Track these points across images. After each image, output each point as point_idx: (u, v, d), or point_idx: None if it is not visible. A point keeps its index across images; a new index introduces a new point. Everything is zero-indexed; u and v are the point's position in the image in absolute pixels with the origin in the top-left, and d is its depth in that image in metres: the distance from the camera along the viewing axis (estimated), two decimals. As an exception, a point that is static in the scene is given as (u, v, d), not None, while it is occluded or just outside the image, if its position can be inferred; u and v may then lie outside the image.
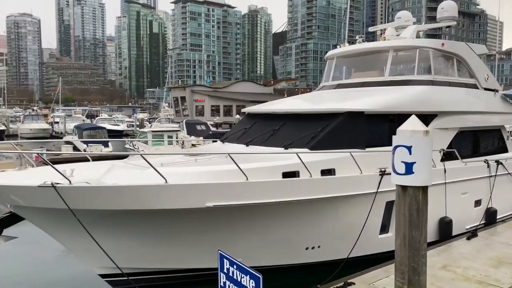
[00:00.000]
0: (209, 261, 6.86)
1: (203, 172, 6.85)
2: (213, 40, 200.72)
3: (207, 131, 36.74)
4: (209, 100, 61.06)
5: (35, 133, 49.55)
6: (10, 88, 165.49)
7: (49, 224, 6.60)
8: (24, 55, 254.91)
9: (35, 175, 6.69)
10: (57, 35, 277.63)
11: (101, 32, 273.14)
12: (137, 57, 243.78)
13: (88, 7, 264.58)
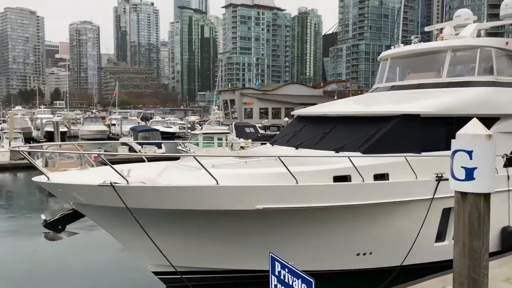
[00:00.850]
0: (259, 263, 6.89)
1: (253, 174, 6.89)
2: (262, 43, 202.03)
3: (255, 133, 37.00)
4: (258, 103, 61.49)
5: (94, 134, 52.17)
6: (72, 91, 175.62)
7: (107, 222, 6.92)
8: (85, 60, 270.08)
9: (95, 174, 7.04)
10: (115, 41, 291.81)
11: (155, 38, 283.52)
12: (189, 61, 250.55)
13: (143, 14, 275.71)
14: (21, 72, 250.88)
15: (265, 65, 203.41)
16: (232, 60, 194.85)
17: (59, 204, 16.78)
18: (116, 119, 63.84)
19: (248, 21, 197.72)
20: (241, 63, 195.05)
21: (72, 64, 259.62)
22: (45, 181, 6.35)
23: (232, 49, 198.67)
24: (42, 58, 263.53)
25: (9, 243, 12.37)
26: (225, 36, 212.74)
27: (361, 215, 7.26)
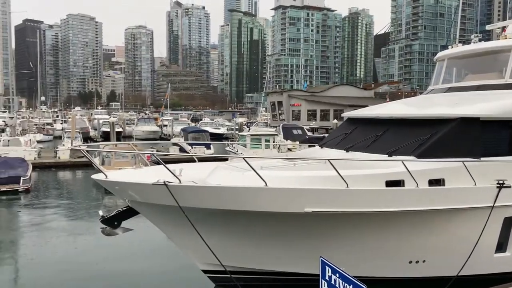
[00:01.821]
0: (307, 266, 6.82)
1: (302, 177, 6.83)
2: (311, 44, 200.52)
3: (303, 135, 36.77)
4: (305, 105, 61.03)
5: (147, 134, 54.17)
6: (127, 93, 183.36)
7: (160, 219, 7.15)
8: (139, 63, 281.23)
9: (149, 173, 7.30)
10: (167, 45, 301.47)
11: (206, 41, 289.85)
12: (237, 63, 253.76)
13: (194, 18, 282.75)
14: (81, 75, 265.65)
15: (313, 67, 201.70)
16: (281, 62, 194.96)
17: (114, 201, 17.59)
18: (168, 120, 65.94)
19: (297, 22, 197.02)
20: (289, 64, 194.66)
21: (127, 67, 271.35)
22: (103, 179, 6.67)
23: (280, 51, 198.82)
24: (99, 62, 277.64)
25: (68, 238, 13.11)
26: (273, 38, 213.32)
27: (415, 222, 6.99)
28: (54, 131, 58.09)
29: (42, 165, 27.91)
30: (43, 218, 15.54)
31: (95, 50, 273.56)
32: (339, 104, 57.11)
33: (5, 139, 30.82)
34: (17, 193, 19.03)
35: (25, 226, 14.42)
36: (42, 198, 18.99)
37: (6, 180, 19.39)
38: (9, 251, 11.83)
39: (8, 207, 17.48)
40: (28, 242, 12.53)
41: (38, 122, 60.42)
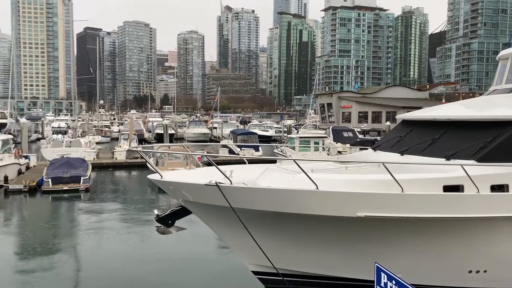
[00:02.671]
0: (360, 272, 6.67)
1: (355, 180, 6.68)
2: (362, 45, 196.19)
3: (354, 138, 35.99)
4: (356, 106, 59.70)
5: (198, 136, 55.45)
6: (179, 97, 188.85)
7: (211, 219, 7.29)
8: (190, 68, 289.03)
9: (202, 174, 7.46)
10: (217, 49, 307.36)
11: (255, 44, 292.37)
12: (286, 66, 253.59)
13: (244, 21, 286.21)
14: (136, 80, 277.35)
15: (365, 67, 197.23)
16: (330, 63, 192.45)
17: (167, 200, 18.17)
18: (218, 123, 67.16)
19: (348, 23, 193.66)
20: (340, 65, 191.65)
21: (179, 71, 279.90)
22: (158, 179, 6.92)
23: (330, 52, 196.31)
24: (153, 67, 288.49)
25: (124, 235, 13.68)
26: (323, 39, 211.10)
27: (475, 229, 6.61)
28: (111, 133, 61.07)
29: (100, 165, 29.40)
30: (101, 215, 16.36)
31: (150, 56, 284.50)
32: (392, 106, 55.33)
33: (67, 141, 32.80)
34: (78, 192, 20.17)
35: (84, 222, 15.23)
36: (100, 197, 19.98)
37: (68, 179, 20.62)
38: (70, 244, 12.55)
39: (69, 204, 18.57)
40: (87, 237, 13.22)
41: (96, 125, 63.72)
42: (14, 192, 19.70)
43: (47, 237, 13.55)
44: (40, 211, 17.94)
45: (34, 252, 11.86)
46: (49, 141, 35.15)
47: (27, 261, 11.22)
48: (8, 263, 11.00)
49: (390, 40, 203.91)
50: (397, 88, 69.27)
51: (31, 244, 12.74)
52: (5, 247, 12.41)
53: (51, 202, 18.97)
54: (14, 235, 14.10)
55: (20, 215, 17.36)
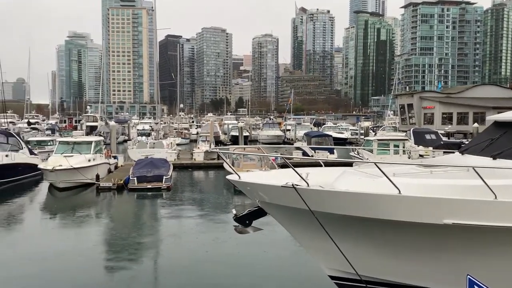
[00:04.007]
0: (449, 283, 6.22)
1: (441, 185, 6.25)
2: (446, 41, 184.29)
3: (437, 140, 33.90)
4: (440, 107, 56.16)
5: (271, 139, 55.92)
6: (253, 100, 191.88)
7: (287, 221, 7.27)
8: (264, 70, 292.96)
9: (278, 176, 7.48)
10: (291, 51, 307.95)
11: (330, 45, 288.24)
12: (363, 65, 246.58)
13: (319, 22, 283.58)
14: (213, 84, 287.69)
15: (449, 66, 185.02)
16: (411, 62, 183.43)
17: (243, 200, 18.53)
18: (291, 125, 67.20)
19: (430, 19, 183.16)
20: (421, 64, 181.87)
21: (253, 75, 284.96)
22: (236, 180, 7.06)
23: (411, 50, 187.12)
24: (229, 71, 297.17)
25: (203, 233, 14.18)
26: (403, 37, 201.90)
27: None
28: (190, 135, 63.89)
29: (181, 165, 30.86)
30: (181, 212, 17.15)
31: (226, 60, 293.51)
32: (481, 106, 51.22)
33: (151, 142, 34.91)
34: (160, 190, 21.35)
35: (166, 219, 16.08)
36: (181, 195, 20.96)
37: (151, 178, 21.92)
38: (152, 240, 13.30)
39: (153, 202, 19.73)
40: (167, 234, 13.93)
41: (177, 127, 67.05)
42: (104, 190, 21.39)
43: (132, 232, 14.52)
44: (127, 208, 19.28)
45: (119, 246, 12.76)
46: (135, 143, 37.71)
47: (112, 253, 12.11)
48: (94, 255, 11.96)
49: (478, 36, 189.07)
50: (486, 87, 63.98)
51: (117, 237, 13.74)
52: (94, 239, 13.52)
53: (136, 199, 20.30)
54: (104, 228, 15.30)
55: (109, 211, 18.80)
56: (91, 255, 11.69)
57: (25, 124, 67.96)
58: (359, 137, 55.58)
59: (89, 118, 77.77)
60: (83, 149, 23.83)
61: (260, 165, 22.40)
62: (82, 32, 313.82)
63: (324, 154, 30.37)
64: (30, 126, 64.97)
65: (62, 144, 24.77)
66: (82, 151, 23.66)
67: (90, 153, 23.69)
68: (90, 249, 12.26)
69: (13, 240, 13.68)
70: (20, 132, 37.94)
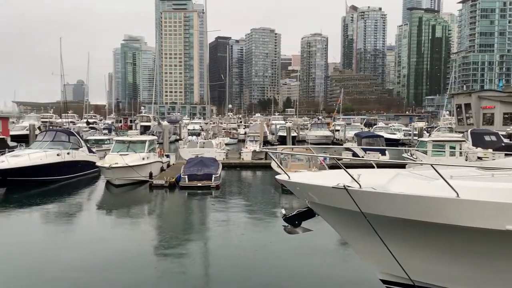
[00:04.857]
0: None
1: (504, 189, 5.88)
2: (509, 37, 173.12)
3: (498, 142, 31.91)
4: (500, 107, 52.83)
5: (319, 139, 55.26)
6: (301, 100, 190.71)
7: (337, 222, 7.15)
8: (313, 70, 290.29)
9: (328, 176, 7.37)
10: (341, 50, 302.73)
11: (381, 43, 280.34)
12: (416, 64, 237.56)
13: (370, 20, 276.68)
14: (261, 84, 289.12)
15: (511, 63, 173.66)
16: (469, 60, 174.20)
17: (290, 201, 18.48)
18: (340, 125, 66.05)
19: (490, 14, 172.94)
20: (480, 62, 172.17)
21: (302, 74, 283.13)
22: (286, 180, 7.05)
23: (468, 47, 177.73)
24: (277, 71, 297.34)
25: (251, 231, 14.29)
26: (460, 33, 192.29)
27: None
28: (238, 135, 64.62)
29: (229, 165, 31.29)
30: (229, 210, 17.39)
31: (274, 60, 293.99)
32: (546, 106, 47.67)
33: (201, 142, 35.71)
34: (209, 189, 21.77)
35: (215, 217, 16.37)
36: (229, 194, 21.27)
37: (201, 177, 22.41)
38: (201, 237, 13.58)
39: (202, 199, 20.16)
40: (216, 231, 14.17)
41: (225, 127, 68.11)
42: (157, 187, 22.16)
43: (182, 228, 14.94)
44: (178, 205, 19.86)
45: (170, 240, 13.17)
46: (186, 142, 38.71)
47: (163, 248, 12.50)
48: (147, 248, 12.41)
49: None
50: (553, 85, 59.35)
51: (169, 233, 14.18)
52: (147, 234, 14.04)
53: (187, 197, 20.85)
54: (156, 224, 15.85)
55: (161, 207, 19.46)
56: (144, 249, 12.14)
57: (84, 124, 72.13)
58: (412, 138, 53.59)
59: (143, 118, 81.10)
60: (137, 148, 24.83)
61: (308, 166, 22.22)
62: (136, 35, 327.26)
63: (375, 155, 29.57)
64: (89, 126, 68.85)
65: (118, 143, 25.96)
66: (137, 150, 24.65)
67: (144, 152, 24.63)
68: (143, 243, 12.75)
69: (73, 231, 14.50)
70: (79, 131, 40.18)
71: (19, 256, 11.52)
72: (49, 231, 14.64)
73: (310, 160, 22.53)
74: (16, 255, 11.63)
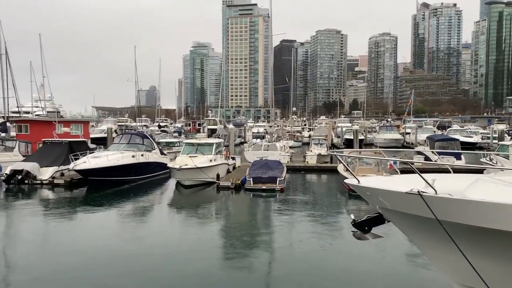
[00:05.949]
0: None
1: None
2: None
3: None
4: None
5: (388, 142, 53.25)
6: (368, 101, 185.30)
7: (411, 230, 6.82)
8: (381, 71, 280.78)
9: (399, 181, 7.07)
10: (411, 49, 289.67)
11: (456, 41, 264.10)
12: (496, 62, 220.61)
13: (443, 17, 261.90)
14: (326, 86, 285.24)
15: None
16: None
17: (358, 205, 17.99)
18: (411, 128, 63.18)
19: None
20: None
21: (369, 76, 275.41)
22: (355, 184, 6.87)
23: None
24: (343, 72, 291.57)
25: (317, 236, 14.08)
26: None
27: None
28: (303, 138, 64.27)
29: (293, 168, 31.20)
30: (293, 213, 17.26)
31: (340, 62, 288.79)
32: None
33: (265, 145, 36.01)
34: (274, 191, 21.85)
35: (279, 220, 16.36)
36: (294, 197, 21.17)
37: (266, 180, 22.58)
38: (265, 239, 13.63)
39: (267, 202, 20.28)
40: (280, 234, 14.15)
41: (289, 130, 68.04)
42: (223, 188, 22.69)
43: (248, 229, 15.12)
44: (243, 206, 20.17)
45: (236, 240, 13.38)
46: (250, 145, 39.25)
47: (229, 248, 12.74)
48: (214, 248, 12.73)
49: None
50: None
51: (235, 233, 14.43)
52: (214, 233, 14.41)
53: (251, 199, 21.11)
54: (222, 224, 16.21)
55: (227, 208, 19.88)
56: (211, 249, 12.48)
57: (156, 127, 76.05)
58: (491, 142, 49.83)
59: (210, 121, 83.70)
60: (205, 150, 25.64)
61: (377, 170, 21.49)
62: (204, 41, 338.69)
63: (449, 159, 27.89)
64: (160, 129, 72.46)
65: (187, 146, 27.00)
66: (205, 152, 25.46)
67: (212, 154, 25.37)
68: (210, 242, 13.12)
69: (145, 228, 15.30)
70: (152, 134, 42.36)
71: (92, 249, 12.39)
72: (125, 227, 15.56)
73: (379, 164, 21.77)
74: (90, 247, 12.52)
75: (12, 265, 11.47)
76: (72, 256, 11.67)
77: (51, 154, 26.35)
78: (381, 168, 21.63)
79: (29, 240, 13.67)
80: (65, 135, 32.88)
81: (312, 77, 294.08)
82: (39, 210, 18.69)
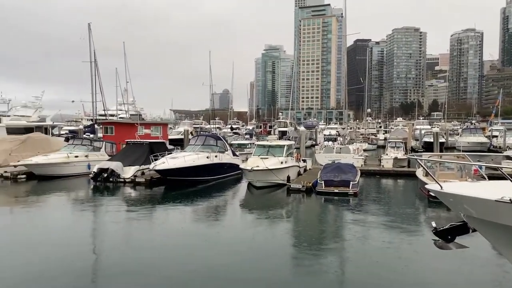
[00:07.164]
0: None
1: None
2: None
3: None
4: None
5: (473, 146, 49.58)
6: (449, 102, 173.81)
7: (500, 241, 6.23)
8: (465, 69, 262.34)
9: (486, 188, 6.50)
10: (499, 45, 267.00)
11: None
12: None
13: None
14: (403, 86, 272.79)
15: None
16: None
17: (438, 213, 16.89)
18: (499, 130, 58.22)
19: None
20: None
21: (451, 75, 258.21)
22: (438, 190, 6.43)
23: None
24: (422, 72, 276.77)
25: (390, 248, 13.42)
26: None
27: None
28: (377, 141, 62.01)
29: (368, 172, 30.18)
30: (368, 220, 16.60)
31: (418, 61, 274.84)
32: None
33: (337, 147, 35.25)
34: (347, 195, 21.27)
35: (351, 226, 15.84)
36: (368, 203, 20.41)
37: (338, 183, 22.08)
38: (336, 246, 13.25)
39: (339, 206, 19.78)
40: (352, 241, 13.65)
41: (363, 133, 65.99)
42: (294, 191, 22.57)
43: (317, 233, 14.87)
44: (314, 210, 19.87)
45: (305, 243, 13.20)
46: (322, 147, 38.69)
47: (298, 251, 12.58)
48: (283, 251, 12.67)
49: None
50: None
51: (305, 237, 14.25)
52: (283, 235, 14.36)
53: (323, 203, 20.74)
54: (292, 227, 16.11)
55: (298, 211, 19.72)
56: (281, 251, 12.45)
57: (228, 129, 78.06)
58: None
59: (280, 123, 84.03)
60: (276, 152, 25.74)
61: (460, 176, 20.03)
62: (276, 44, 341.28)
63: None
64: (232, 131, 74.28)
65: (259, 147, 27.33)
66: (276, 154, 25.56)
67: (283, 156, 25.41)
68: (279, 244, 13.10)
69: (218, 226, 15.69)
70: (225, 136, 43.52)
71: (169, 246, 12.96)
72: (199, 226, 16.11)
73: (462, 169, 20.29)
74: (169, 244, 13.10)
75: (96, 257, 12.38)
76: (151, 252, 12.32)
77: (133, 154, 28.20)
78: (465, 174, 20.12)
79: (113, 235, 14.70)
80: (145, 137, 35.00)
81: (388, 77, 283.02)
82: (122, 206, 20.03)
